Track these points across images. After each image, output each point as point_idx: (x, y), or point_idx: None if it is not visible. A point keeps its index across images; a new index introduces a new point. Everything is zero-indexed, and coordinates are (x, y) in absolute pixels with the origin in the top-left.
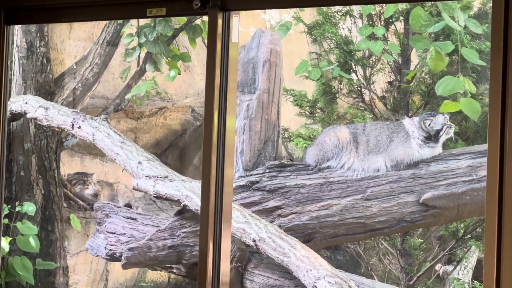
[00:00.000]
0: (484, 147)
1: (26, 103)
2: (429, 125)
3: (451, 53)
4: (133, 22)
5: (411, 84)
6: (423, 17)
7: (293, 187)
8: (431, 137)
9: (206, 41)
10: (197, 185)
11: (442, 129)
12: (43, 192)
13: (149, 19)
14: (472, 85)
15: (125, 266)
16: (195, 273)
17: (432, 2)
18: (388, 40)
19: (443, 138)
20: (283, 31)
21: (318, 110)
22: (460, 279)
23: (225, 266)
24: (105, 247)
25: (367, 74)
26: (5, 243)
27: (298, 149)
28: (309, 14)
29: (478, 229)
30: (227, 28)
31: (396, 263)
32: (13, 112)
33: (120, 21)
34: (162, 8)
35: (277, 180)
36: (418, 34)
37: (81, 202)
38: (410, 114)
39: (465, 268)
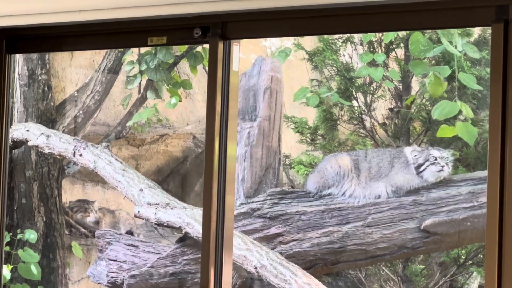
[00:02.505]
0: (484, 173)
1: (27, 130)
2: (415, 156)
3: (450, 79)
4: (134, 49)
5: (411, 110)
6: (422, 42)
7: (294, 214)
8: (419, 168)
9: (207, 68)
10: (198, 212)
11: (423, 164)
12: (44, 219)
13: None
14: (469, 109)
15: None
16: None
17: (434, 36)
18: (389, 67)
19: (427, 174)
20: (282, 57)
21: (319, 137)
22: None
23: None
24: (106, 275)
25: (368, 100)
26: (6, 270)
27: (299, 176)
28: (310, 40)
29: (479, 255)
30: (227, 56)
31: None
32: (15, 139)
33: (121, 49)
34: (163, 37)
35: (278, 207)
36: (417, 59)
37: (82, 230)
38: (411, 141)
39: None
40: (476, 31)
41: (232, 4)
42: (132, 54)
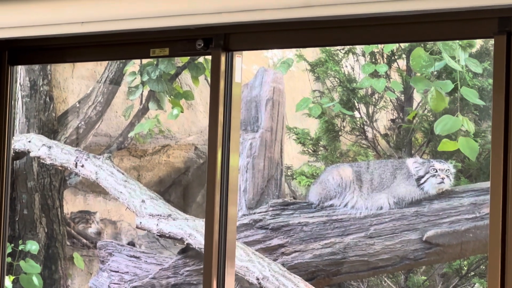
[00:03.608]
0: (487, 184)
1: (29, 141)
2: (416, 168)
3: (452, 91)
4: (136, 60)
5: (413, 124)
6: (424, 57)
7: (296, 225)
8: (420, 180)
9: (209, 79)
10: (200, 223)
11: (424, 176)
12: (46, 230)
13: None
14: (471, 124)
15: None
16: None
17: (436, 47)
18: (391, 78)
19: (427, 186)
20: (284, 68)
21: (321, 148)
22: None
23: None
24: (108, 286)
25: (370, 111)
26: (8, 282)
27: (301, 187)
28: (312, 51)
29: (481, 267)
30: (230, 68)
31: None
32: (17, 150)
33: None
34: (165, 48)
35: (280, 218)
36: (419, 74)
37: (84, 240)
38: (413, 152)
39: None
40: (478, 42)
41: (234, 16)
42: (134, 65)
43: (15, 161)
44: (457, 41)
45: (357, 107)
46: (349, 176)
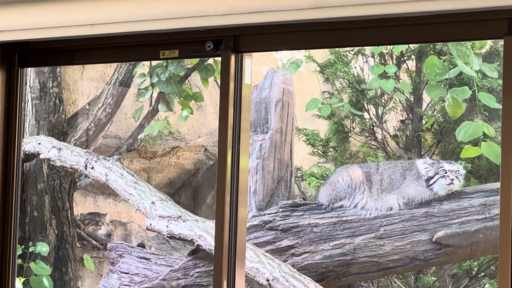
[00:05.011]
0: (497, 185)
1: (39, 143)
2: (426, 169)
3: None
4: (146, 62)
5: (425, 126)
6: (438, 65)
7: (306, 226)
8: (429, 181)
9: (218, 81)
10: (210, 225)
11: (433, 177)
12: (56, 232)
13: None
14: (492, 129)
15: None
16: None
17: (446, 48)
18: (400, 79)
19: (437, 187)
20: (293, 67)
21: (331, 149)
22: None
23: None
24: (118, 287)
25: (379, 112)
26: (19, 283)
27: (311, 188)
28: (321, 53)
29: (492, 267)
30: (240, 69)
31: None
32: (27, 152)
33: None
34: (175, 50)
35: (290, 220)
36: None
37: (94, 242)
38: (422, 153)
39: None
40: (488, 43)
41: (244, 17)
42: (144, 66)
43: (25, 163)
44: (470, 47)
45: (367, 108)
46: (359, 177)
